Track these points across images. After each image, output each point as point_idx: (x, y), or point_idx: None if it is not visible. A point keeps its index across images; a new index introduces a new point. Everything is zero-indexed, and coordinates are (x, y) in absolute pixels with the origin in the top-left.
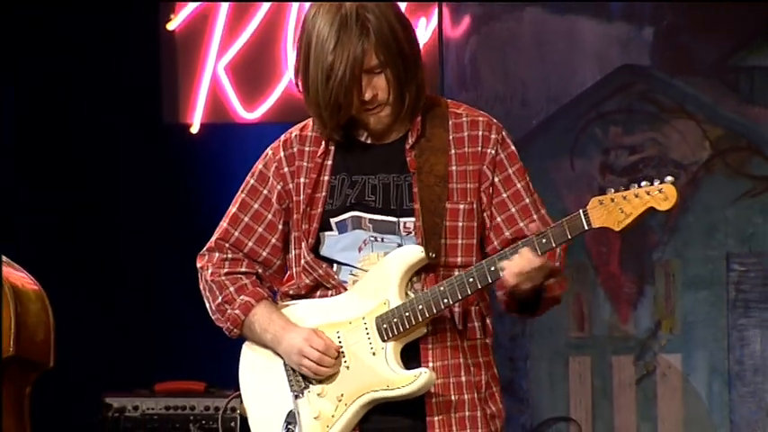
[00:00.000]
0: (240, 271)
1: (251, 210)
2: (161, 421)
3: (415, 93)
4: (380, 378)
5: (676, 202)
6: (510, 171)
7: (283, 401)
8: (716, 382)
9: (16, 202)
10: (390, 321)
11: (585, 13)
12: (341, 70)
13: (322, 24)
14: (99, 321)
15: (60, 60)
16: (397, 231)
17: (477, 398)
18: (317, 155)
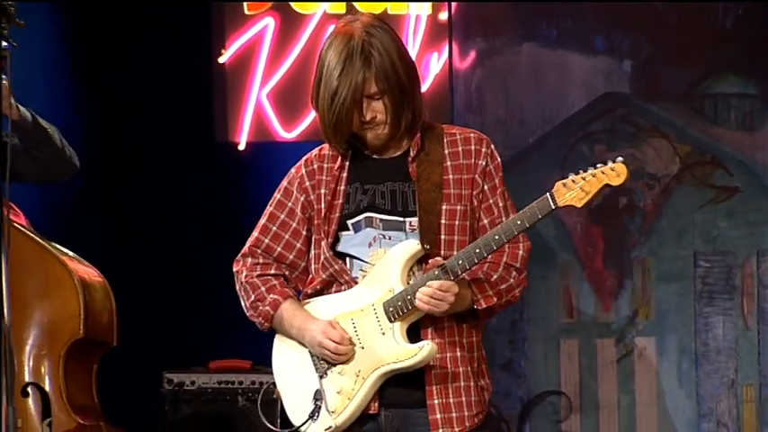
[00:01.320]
0: (270, 273)
1: (278, 220)
2: (214, 394)
3: (410, 117)
4: (391, 353)
5: (627, 177)
6: (495, 180)
7: (310, 382)
8: (685, 361)
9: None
10: (395, 305)
11: (574, 48)
12: (343, 94)
13: (332, 54)
14: (163, 310)
15: (128, 87)
16: (404, 229)
17: (470, 371)
18: (333, 169)
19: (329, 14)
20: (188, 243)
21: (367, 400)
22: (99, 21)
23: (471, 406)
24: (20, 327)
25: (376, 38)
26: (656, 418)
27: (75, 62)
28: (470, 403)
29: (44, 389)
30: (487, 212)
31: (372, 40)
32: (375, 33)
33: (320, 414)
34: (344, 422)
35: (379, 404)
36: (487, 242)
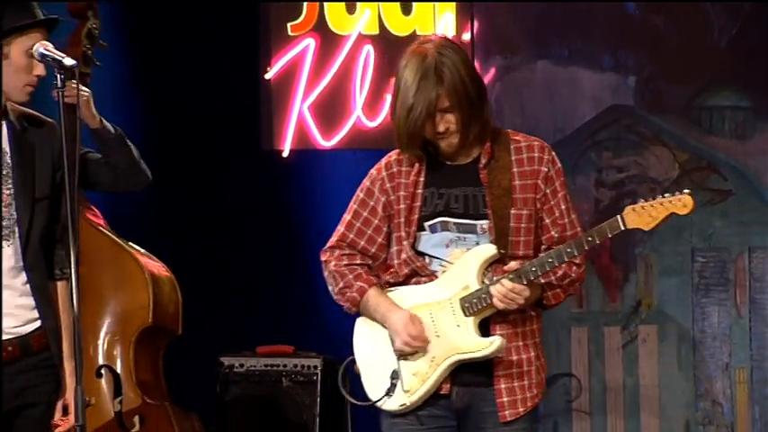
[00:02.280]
0: (356, 263)
1: (362, 217)
2: (261, 375)
3: (479, 127)
4: (464, 344)
5: (693, 208)
6: (556, 184)
7: (389, 362)
8: (683, 346)
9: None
10: (471, 301)
11: (584, 65)
12: (418, 110)
13: (408, 73)
14: (217, 302)
15: (186, 100)
16: (476, 231)
17: (532, 356)
18: (411, 173)
19: (363, 35)
20: (239, 241)
21: (438, 382)
22: (159, 41)
23: (532, 387)
24: (96, 315)
25: (447, 57)
26: (658, 398)
27: (137, 79)
28: (531, 386)
29: (116, 370)
30: (549, 213)
31: (444, 59)
32: (446, 53)
33: (395, 392)
34: (417, 401)
35: (451, 384)
36: (560, 254)
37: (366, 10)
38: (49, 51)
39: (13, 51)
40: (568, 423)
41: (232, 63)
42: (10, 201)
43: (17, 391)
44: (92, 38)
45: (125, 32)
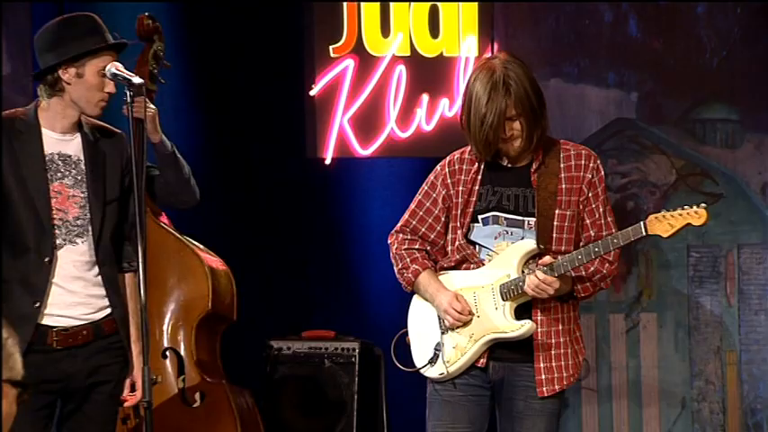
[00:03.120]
0: (415, 248)
1: (424, 207)
2: (305, 357)
3: (540, 132)
4: (499, 325)
5: (707, 220)
6: (598, 189)
7: (434, 335)
8: (680, 332)
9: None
10: (509, 288)
11: (591, 82)
12: (490, 118)
13: (479, 86)
14: (266, 292)
15: (238, 113)
16: (523, 227)
17: (568, 340)
18: (471, 171)
19: (396, 56)
20: (287, 238)
21: (475, 357)
22: (217, 62)
23: (569, 368)
24: (161, 303)
25: (512, 71)
26: (657, 378)
27: (197, 95)
28: (568, 366)
29: (179, 352)
30: (590, 215)
31: (510, 73)
32: (511, 68)
33: (437, 362)
34: (455, 371)
35: (488, 359)
36: (588, 252)
37: (399, 34)
38: (119, 71)
39: (87, 71)
40: (578, 400)
41: (281, 81)
42: (84, 203)
43: (91, 370)
44: (157, 58)
45: (187, 54)
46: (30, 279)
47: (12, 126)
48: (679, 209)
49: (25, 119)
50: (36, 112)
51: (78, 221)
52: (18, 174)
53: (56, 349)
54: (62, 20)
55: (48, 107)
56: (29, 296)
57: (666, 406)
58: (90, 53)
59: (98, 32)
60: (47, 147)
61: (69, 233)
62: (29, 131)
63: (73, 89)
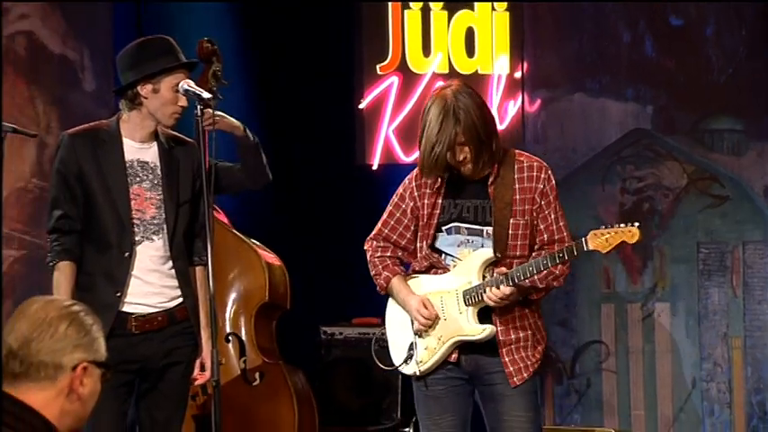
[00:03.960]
0: (387, 255)
1: (395, 217)
2: (355, 342)
3: (488, 156)
4: (463, 328)
5: (640, 239)
6: (550, 198)
7: (408, 336)
8: (690, 320)
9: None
10: (471, 294)
11: (611, 96)
12: (439, 146)
13: (433, 113)
14: (320, 283)
15: (295, 124)
16: (482, 235)
17: (529, 334)
18: (435, 185)
19: (437, 74)
20: (338, 235)
21: (444, 356)
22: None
23: (532, 357)
24: (223, 294)
25: (462, 101)
26: (670, 361)
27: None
28: (530, 356)
29: (240, 337)
30: (543, 221)
31: (459, 103)
32: (461, 98)
33: (411, 361)
34: (426, 370)
35: (459, 354)
36: (538, 264)
37: (439, 53)
38: (191, 87)
39: (162, 87)
40: (599, 380)
41: (333, 95)
42: (159, 204)
43: (166, 352)
44: (216, 77)
45: (253, 74)
46: (112, 272)
47: (96, 136)
48: (616, 226)
49: (108, 130)
50: (118, 123)
51: (154, 221)
52: (102, 178)
53: (134, 334)
54: (141, 42)
55: (128, 119)
56: (111, 287)
57: (679, 386)
58: (165, 71)
59: (172, 53)
60: (127, 154)
61: (147, 231)
62: (111, 141)
63: (150, 103)
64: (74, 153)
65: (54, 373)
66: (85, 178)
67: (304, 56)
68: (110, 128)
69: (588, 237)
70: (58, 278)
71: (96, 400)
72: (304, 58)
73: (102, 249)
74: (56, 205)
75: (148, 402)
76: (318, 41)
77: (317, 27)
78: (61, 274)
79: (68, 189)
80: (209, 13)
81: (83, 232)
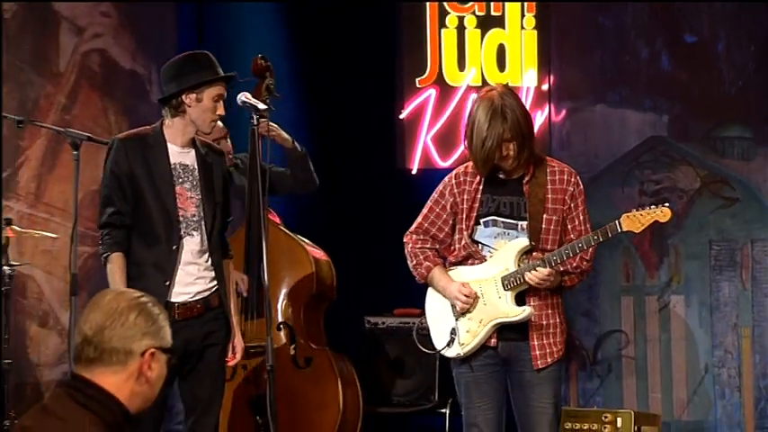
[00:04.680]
0: (427, 247)
1: (434, 212)
2: (396, 330)
3: (528, 153)
4: (503, 311)
5: (671, 217)
6: (578, 201)
7: (449, 321)
8: (703, 311)
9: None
10: (509, 279)
11: (630, 107)
12: (489, 141)
13: (480, 113)
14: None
15: (342, 133)
16: (517, 229)
17: (557, 322)
18: (474, 183)
19: (471, 86)
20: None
21: (485, 338)
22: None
23: (558, 344)
24: (276, 287)
25: (507, 102)
26: (685, 348)
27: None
28: (557, 342)
29: (291, 325)
30: (571, 222)
31: (506, 102)
32: (507, 99)
33: (453, 344)
34: (468, 352)
35: (497, 339)
36: (573, 247)
37: (473, 68)
38: (248, 99)
39: (204, 97)
40: (619, 365)
41: (376, 106)
42: (198, 203)
43: (204, 336)
44: (269, 91)
45: (298, 83)
46: (161, 263)
47: (144, 141)
48: (647, 208)
49: (153, 135)
50: (162, 129)
51: (194, 218)
52: (150, 179)
53: (177, 320)
54: (185, 56)
55: (171, 125)
56: (161, 277)
57: (692, 371)
58: (207, 83)
59: (212, 67)
60: (171, 157)
61: (188, 227)
62: (157, 145)
63: (192, 111)
64: (125, 155)
65: (125, 358)
66: (136, 178)
67: (350, 70)
68: (155, 133)
69: (621, 219)
70: (111, 269)
71: (162, 382)
72: (350, 72)
73: (151, 243)
74: (108, 202)
75: (191, 383)
76: (363, 58)
77: (363, 44)
78: (114, 264)
79: (120, 188)
80: (264, 36)
81: (132, 227)
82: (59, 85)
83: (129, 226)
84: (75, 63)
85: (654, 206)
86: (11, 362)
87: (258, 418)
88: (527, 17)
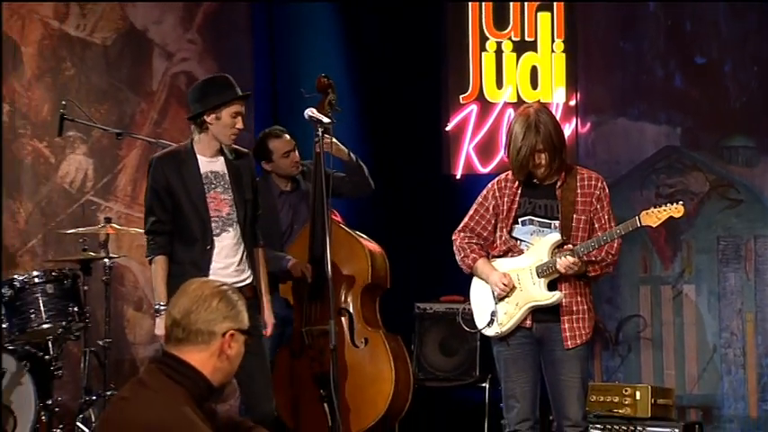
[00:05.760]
0: (473, 242)
1: (479, 213)
2: (443, 315)
3: (559, 162)
4: (537, 295)
5: (684, 213)
6: (604, 203)
7: (490, 305)
8: (712, 298)
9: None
10: (542, 268)
11: (647, 120)
12: (524, 150)
13: (518, 127)
14: (414, 267)
15: (395, 143)
16: (551, 227)
17: (585, 307)
18: (513, 188)
19: (507, 103)
20: (430, 229)
21: (521, 320)
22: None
23: (586, 327)
24: (337, 277)
25: (541, 118)
26: (695, 331)
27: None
28: (585, 326)
29: (349, 311)
30: (598, 221)
31: (540, 118)
32: (541, 116)
33: (493, 324)
34: (506, 331)
35: (532, 321)
36: (599, 240)
37: (509, 86)
38: (313, 114)
39: (223, 115)
40: (638, 346)
41: (425, 119)
42: (231, 203)
43: None
44: (331, 105)
45: (358, 99)
46: (198, 261)
47: (177, 156)
48: (664, 205)
49: (185, 150)
50: (192, 144)
51: (229, 217)
52: (185, 189)
53: None
54: (206, 79)
55: (199, 140)
56: (198, 273)
57: (702, 351)
58: (225, 103)
59: (231, 87)
60: (202, 167)
61: (224, 224)
62: (189, 158)
63: (214, 127)
64: (162, 172)
65: (208, 338)
66: (172, 189)
67: (403, 88)
68: (186, 148)
69: (641, 215)
70: (155, 269)
71: (240, 359)
72: (404, 89)
73: (189, 244)
74: (150, 212)
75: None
76: (415, 78)
77: (414, 66)
78: (158, 265)
79: (159, 200)
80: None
81: (173, 232)
82: (152, 103)
83: (169, 231)
84: (165, 83)
85: (669, 204)
86: (111, 341)
87: (322, 390)
88: (557, 42)
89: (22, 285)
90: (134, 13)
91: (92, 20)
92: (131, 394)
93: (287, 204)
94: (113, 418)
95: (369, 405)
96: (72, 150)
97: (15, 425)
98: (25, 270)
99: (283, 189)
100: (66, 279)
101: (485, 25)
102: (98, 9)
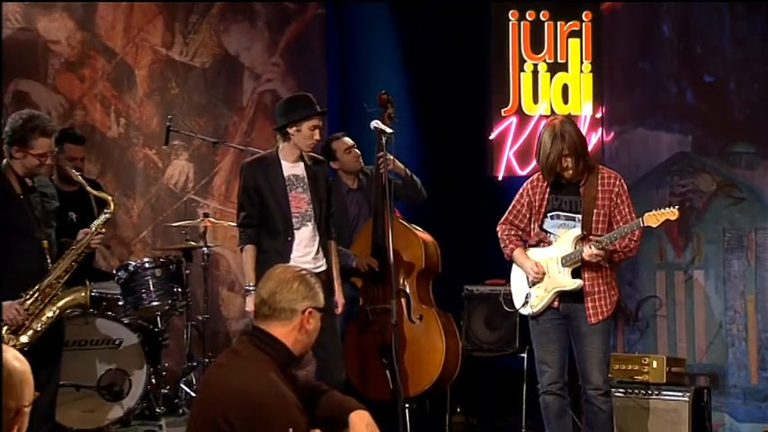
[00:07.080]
0: (512, 233)
1: (516, 208)
2: (487, 296)
3: (582, 165)
4: (562, 281)
5: (679, 217)
6: (623, 197)
7: (525, 288)
8: (718, 282)
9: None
10: (568, 258)
11: (663, 130)
12: (552, 156)
13: (546, 136)
14: (463, 255)
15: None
16: (575, 221)
17: (606, 288)
18: (543, 187)
19: (542, 115)
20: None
21: (549, 302)
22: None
23: (608, 305)
24: (396, 265)
25: (566, 128)
26: (705, 310)
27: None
28: (606, 304)
29: (407, 292)
30: (620, 213)
31: (565, 128)
32: (566, 126)
33: (527, 306)
34: (537, 312)
35: (559, 302)
36: (619, 232)
37: (544, 101)
38: (378, 125)
39: (303, 128)
40: (654, 322)
41: (471, 129)
42: (309, 201)
43: None
44: (390, 118)
45: (412, 113)
46: (281, 251)
47: (264, 161)
48: (663, 209)
49: (271, 156)
50: (277, 151)
51: (307, 213)
52: (271, 189)
53: None
54: (290, 97)
55: (283, 148)
56: (280, 260)
57: (710, 326)
58: (305, 117)
59: (311, 105)
60: (285, 171)
61: (304, 220)
62: (274, 164)
63: (295, 138)
64: (252, 174)
65: (290, 315)
66: (260, 190)
67: (453, 103)
68: (272, 155)
69: (644, 216)
70: (245, 256)
71: (317, 334)
72: (454, 104)
73: (273, 236)
74: (241, 208)
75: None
76: (463, 93)
77: (463, 83)
78: (247, 254)
79: (249, 197)
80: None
81: (260, 225)
82: (242, 116)
83: (257, 225)
84: (253, 100)
85: (668, 208)
86: (208, 316)
87: (384, 359)
88: (585, 63)
89: (135, 269)
90: (228, 40)
91: (193, 47)
92: (227, 361)
93: (354, 201)
94: (212, 381)
95: (423, 372)
96: (176, 156)
97: (131, 385)
98: (138, 257)
99: (351, 187)
100: (172, 264)
101: (523, 50)
102: (198, 38)
